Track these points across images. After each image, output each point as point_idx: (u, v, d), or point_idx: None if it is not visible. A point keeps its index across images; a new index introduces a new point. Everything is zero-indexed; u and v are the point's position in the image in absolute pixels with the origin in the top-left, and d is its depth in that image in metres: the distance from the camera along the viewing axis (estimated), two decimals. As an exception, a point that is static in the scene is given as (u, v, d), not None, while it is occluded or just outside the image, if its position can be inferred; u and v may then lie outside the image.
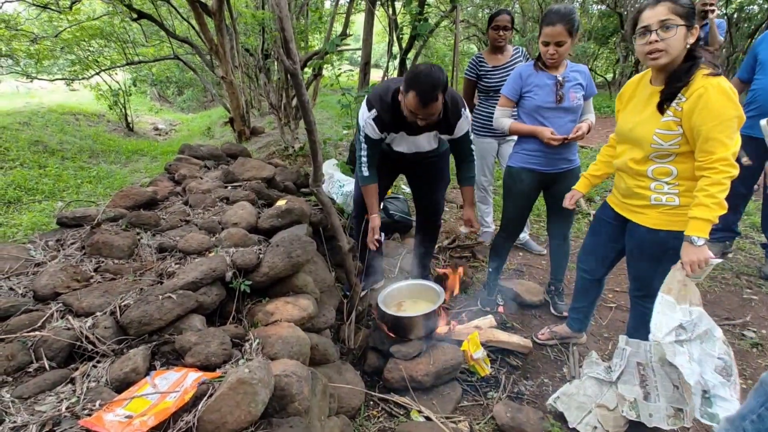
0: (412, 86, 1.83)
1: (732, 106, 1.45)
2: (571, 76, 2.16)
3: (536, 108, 2.19)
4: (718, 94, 1.45)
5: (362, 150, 2.18)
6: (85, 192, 5.82)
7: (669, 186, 1.66)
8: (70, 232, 1.95)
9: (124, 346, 1.34)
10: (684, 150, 1.58)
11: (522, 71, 2.24)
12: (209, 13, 5.12)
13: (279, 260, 1.73)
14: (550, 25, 2.03)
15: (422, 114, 1.89)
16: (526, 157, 2.29)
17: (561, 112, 2.17)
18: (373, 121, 2.06)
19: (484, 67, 2.96)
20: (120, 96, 8.95)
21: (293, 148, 4.95)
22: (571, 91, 2.15)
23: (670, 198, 1.66)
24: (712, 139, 1.47)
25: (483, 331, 2.32)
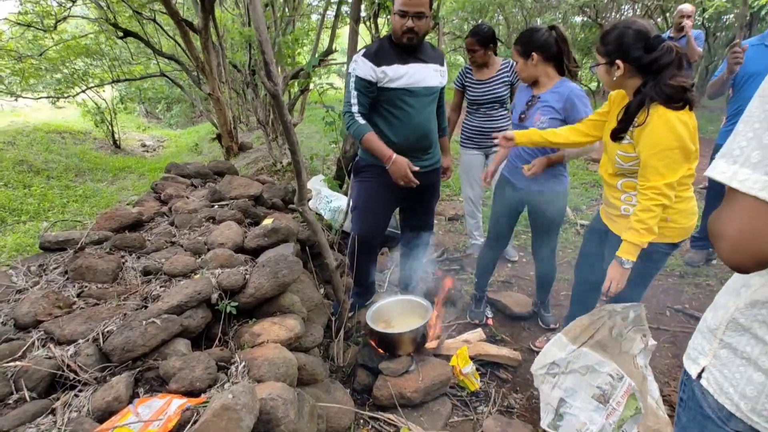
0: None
1: (673, 137, 1.48)
2: (546, 96, 2.13)
3: (513, 123, 2.32)
4: (662, 124, 1.49)
5: (352, 98, 2.10)
6: (71, 211, 5.77)
7: (636, 199, 1.71)
8: (53, 257, 1.93)
9: (107, 373, 1.33)
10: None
11: (521, 86, 2.33)
12: (195, 30, 5.16)
13: (265, 281, 1.73)
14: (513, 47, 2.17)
15: (410, 6, 1.94)
16: (506, 165, 2.39)
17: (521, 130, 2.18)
18: (363, 55, 2.08)
19: (470, 79, 3.01)
20: (106, 113, 8.91)
21: (281, 163, 4.97)
22: (538, 111, 2.12)
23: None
24: (649, 167, 1.53)
25: (472, 344, 2.32)
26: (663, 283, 3.11)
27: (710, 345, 0.84)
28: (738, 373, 0.77)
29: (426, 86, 2.17)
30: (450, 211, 4.38)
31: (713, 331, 0.83)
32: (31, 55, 7.03)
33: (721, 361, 0.81)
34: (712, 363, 0.82)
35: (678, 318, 2.75)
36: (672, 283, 3.11)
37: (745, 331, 0.77)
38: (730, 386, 0.78)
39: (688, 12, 4.19)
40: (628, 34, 1.55)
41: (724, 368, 0.80)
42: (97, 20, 6.76)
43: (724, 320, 0.81)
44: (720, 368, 0.81)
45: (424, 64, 2.16)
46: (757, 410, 0.75)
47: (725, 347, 0.80)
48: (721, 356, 0.81)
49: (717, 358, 0.82)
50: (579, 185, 5.05)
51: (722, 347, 0.81)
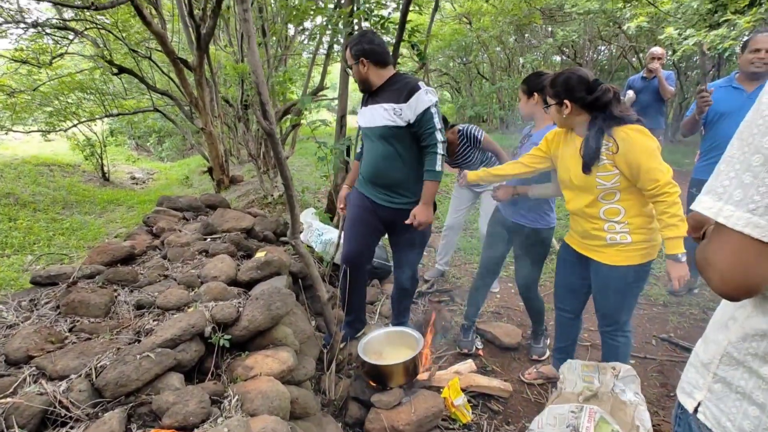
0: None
1: (650, 140, 1.71)
2: (537, 135, 2.25)
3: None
4: (638, 134, 1.71)
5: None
6: (57, 244, 5.70)
7: (620, 225, 1.83)
8: (44, 291, 1.93)
9: (99, 409, 1.32)
10: (625, 185, 1.78)
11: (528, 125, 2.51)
12: (190, 68, 5.30)
13: (259, 313, 1.75)
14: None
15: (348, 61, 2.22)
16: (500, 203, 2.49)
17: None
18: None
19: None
20: (96, 146, 8.94)
21: (272, 196, 5.02)
22: (526, 148, 2.26)
23: (623, 236, 1.83)
24: (653, 169, 1.67)
25: (463, 376, 2.34)
26: (648, 312, 3.18)
27: (704, 379, 0.85)
28: (734, 408, 0.78)
29: (373, 126, 2.22)
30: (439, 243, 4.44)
31: (707, 366, 0.84)
32: (23, 90, 7.10)
33: (716, 396, 0.82)
34: (707, 397, 0.83)
35: (664, 346, 2.80)
36: (657, 312, 3.18)
37: (739, 364, 0.78)
38: (728, 420, 0.79)
39: (659, 54, 4.47)
40: (573, 78, 1.79)
41: (720, 402, 0.81)
42: (93, 57, 6.90)
43: (717, 354, 0.82)
44: (716, 402, 0.81)
45: (374, 105, 2.22)
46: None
47: (719, 381, 0.81)
48: (716, 390, 0.82)
49: (712, 393, 0.83)
50: (564, 216, 5.18)
51: (716, 381, 0.82)
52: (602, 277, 1.95)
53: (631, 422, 1.81)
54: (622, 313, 2.00)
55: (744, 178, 0.65)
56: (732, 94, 2.79)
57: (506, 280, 3.73)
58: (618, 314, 2.00)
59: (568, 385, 2.02)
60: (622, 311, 1.99)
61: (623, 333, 2.05)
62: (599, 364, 2.02)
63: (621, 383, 1.92)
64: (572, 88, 1.78)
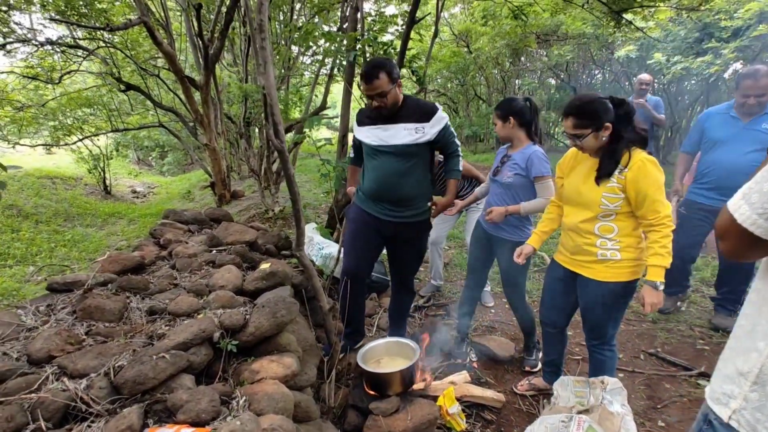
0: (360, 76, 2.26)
1: (660, 173, 1.82)
2: (515, 156, 2.44)
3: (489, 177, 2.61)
4: (652, 165, 1.82)
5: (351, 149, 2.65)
6: (59, 256, 5.77)
7: (611, 243, 1.95)
8: (60, 297, 2.03)
9: (117, 405, 1.41)
10: (624, 210, 1.91)
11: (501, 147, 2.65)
12: (197, 87, 5.48)
13: (265, 320, 1.85)
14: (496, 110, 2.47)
15: (369, 91, 2.22)
16: (482, 213, 2.66)
17: (495, 183, 2.54)
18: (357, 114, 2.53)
19: None
20: (100, 160, 9.09)
21: (273, 211, 5.14)
22: (507, 168, 2.45)
23: (613, 253, 1.94)
24: (657, 201, 1.81)
25: (458, 386, 2.42)
26: (637, 328, 3.28)
27: (740, 389, 0.90)
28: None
29: (393, 144, 2.32)
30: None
31: (745, 375, 0.89)
32: (31, 105, 7.27)
33: (752, 404, 0.87)
34: (743, 406, 0.89)
35: (652, 361, 2.90)
36: (646, 328, 3.28)
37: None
38: (764, 428, 0.85)
39: (647, 81, 4.68)
40: (601, 102, 1.86)
41: (756, 411, 0.86)
42: (101, 74, 7.09)
43: (758, 363, 0.86)
44: (752, 411, 0.87)
45: (390, 125, 2.35)
46: None
47: (757, 390, 0.86)
48: (752, 399, 0.87)
49: (748, 401, 0.88)
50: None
51: (753, 390, 0.86)
52: (590, 293, 2.06)
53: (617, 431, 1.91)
54: (608, 328, 2.09)
55: (764, 187, 0.81)
56: (729, 122, 2.90)
57: (500, 296, 3.83)
58: (604, 329, 2.10)
59: (562, 401, 2.12)
60: (607, 326, 2.09)
61: (609, 347, 2.14)
62: (589, 379, 2.11)
63: (608, 395, 2.02)
64: (607, 109, 1.85)
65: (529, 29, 9.11)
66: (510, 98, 2.47)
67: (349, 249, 2.56)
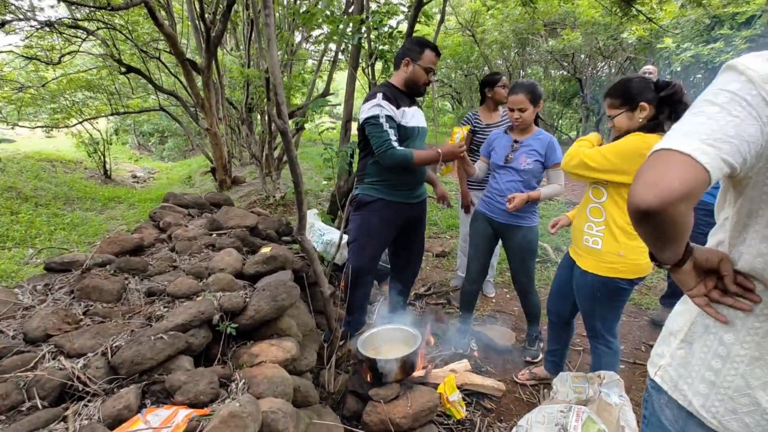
0: (427, 45, 2.28)
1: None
2: (529, 141, 2.40)
3: (492, 164, 2.52)
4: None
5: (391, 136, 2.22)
6: (58, 239, 5.75)
7: (597, 228, 1.90)
8: (57, 277, 2.00)
9: (115, 385, 1.39)
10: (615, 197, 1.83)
11: (493, 134, 2.57)
12: (198, 70, 5.41)
13: (265, 303, 1.83)
14: (514, 94, 2.35)
15: (435, 65, 2.30)
16: (482, 202, 2.58)
17: (508, 170, 2.44)
18: (383, 99, 2.23)
19: (479, 124, 3.24)
20: (100, 144, 9.02)
21: (274, 197, 5.10)
22: (522, 155, 2.39)
23: (595, 241, 1.91)
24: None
25: (458, 374, 2.41)
26: (639, 320, 3.27)
27: (669, 347, 0.93)
28: (694, 372, 0.86)
29: (422, 126, 2.43)
30: (437, 248, 4.53)
31: (674, 334, 0.92)
32: (31, 86, 7.19)
33: (677, 361, 0.90)
34: (668, 362, 0.91)
35: (653, 354, 2.88)
36: (648, 321, 3.26)
37: (705, 330, 0.85)
38: (685, 383, 0.87)
39: (651, 71, 4.63)
40: (640, 81, 1.76)
41: (680, 367, 0.89)
42: (101, 56, 7.00)
43: (687, 323, 0.90)
44: (676, 367, 0.90)
45: (418, 108, 2.45)
46: (706, 406, 0.83)
47: (683, 348, 0.89)
48: (678, 356, 0.90)
49: (674, 358, 0.91)
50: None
51: (680, 348, 0.90)
52: (576, 281, 2.05)
53: (616, 423, 1.89)
54: (595, 321, 2.05)
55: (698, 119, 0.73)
56: None
57: (502, 286, 3.82)
58: (591, 321, 2.07)
59: (560, 396, 2.10)
60: (594, 317, 2.04)
61: (605, 343, 2.09)
62: (588, 374, 2.10)
63: (605, 388, 2.00)
64: (645, 90, 1.75)
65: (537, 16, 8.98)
66: (529, 80, 2.44)
67: (366, 243, 2.46)
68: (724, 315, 0.82)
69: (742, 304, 0.80)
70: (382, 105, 2.23)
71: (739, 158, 0.70)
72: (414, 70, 2.29)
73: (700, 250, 0.84)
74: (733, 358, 0.82)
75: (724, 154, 0.69)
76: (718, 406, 0.83)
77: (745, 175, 0.76)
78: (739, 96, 0.71)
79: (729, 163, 0.69)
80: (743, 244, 0.81)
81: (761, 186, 0.75)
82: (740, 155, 0.70)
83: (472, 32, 11.40)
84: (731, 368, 0.82)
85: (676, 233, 0.74)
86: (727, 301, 0.81)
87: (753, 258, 0.79)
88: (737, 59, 0.74)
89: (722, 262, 0.82)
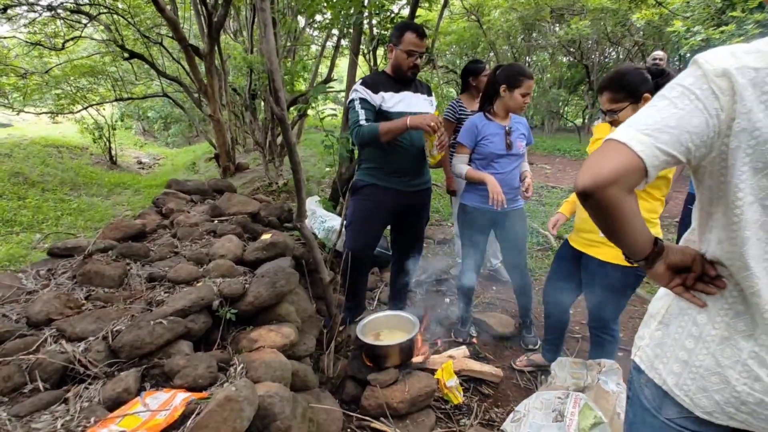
0: (407, 27, 2.22)
1: None
2: (515, 126, 2.42)
3: (490, 154, 2.39)
4: None
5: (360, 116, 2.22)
6: (64, 224, 5.81)
7: None
8: (60, 262, 2.03)
9: (115, 369, 1.42)
10: None
11: (477, 122, 2.42)
12: (201, 56, 5.38)
13: (264, 290, 1.85)
14: (532, 78, 2.33)
15: (419, 48, 2.22)
16: (479, 198, 2.46)
17: (510, 158, 2.42)
18: (361, 84, 2.29)
19: (464, 111, 3.23)
20: (105, 130, 9.05)
21: (277, 184, 5.11)
22: (517, 140, 2.41)
23: None
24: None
25: (456, 360, 2.43)
26: (639, 308, 3.27)
27: (648, 329, 0.96)
28: (669, 352, 0.90)
29: (418, 111, 2.33)
30: (438, 235, 4.54)
31: (653, 316, 0.96)
32: (35, 72, 7.20)
33: (654, 341, 0.94)
34: (647, 343, 0.95)
35: (652, 342, 2.89)
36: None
37: (681, 312, 0.89)
38: (660, 363, 0.90)
39: (661, 56, 4.55)
40: (638, 72, 1.74)
41: (657, 348, 0.92)
42: (104, 42, 6.98)
43: (665, 305, 0.94)
44: (653, 348, 0.93)
45: (414, 93, 2.41)
46: (679, 385, 0.87)
47: (660, 329, 0.93)
48: (656, 337, 0.93)
49: (652, 339, 0.94)
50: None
51: (658, 329, 0.94)
52: (590, 273, 2.02)
53: (612, 410, 1.91)
54: (607, 311, 2.04)
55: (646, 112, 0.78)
56: None
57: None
58: (603, 312, 2.05)
59: (559, 381, 2.12)
60: (606, 310, 2.03)
61: (609, 332, 2.09)
62: (587, 361, 2.10)
63: (604, 376, 2.01)
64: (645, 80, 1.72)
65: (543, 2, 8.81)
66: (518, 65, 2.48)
67: (360, 228, 2.48)
68: (701, 300, 0.86)
69: (710, 288, 0.85)
70: (357, 89, 2.29)
71: (680, 147, 0.74)
72: (396, 55, 2.27)
73: (675, 253, 0.88)
74: (704, 338, 0.85)
75: (661, 143, 0.73)
76: (690, 385, 0.86)
77: (698, 164, 0.79)
78: (689, 90, 0.75)
79: (666, 151, 0.74)
80: (709, 232, 0.85)
81: (717, 176, 0.78)
82: (681, 144, 0.74)
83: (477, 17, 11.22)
84: (703, 348, 0.85)
85: (616, 218, 0.78)
86: (698, 287, 0.86)
87: (715, 245, 0.83)
88: (703, 53, 0.77)
89: (694, 262, 0.87)
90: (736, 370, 0.81)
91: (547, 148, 9.57)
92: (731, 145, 0.74)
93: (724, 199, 0.78)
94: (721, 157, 0.76)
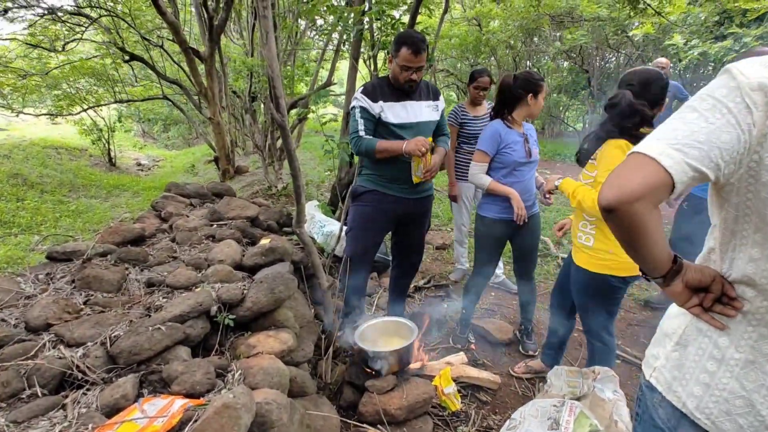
0: (404, 42, 2.14)
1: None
2: (529, 132, 2.42)
3: (513, 163, 2.35)
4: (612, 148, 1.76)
5: (359, 125, 2.24)
6: (63, 226, 5.80)
7: (590, 226, 1.93)
8: (59, 266, 2.03)
9: (113, 375, 1.42)
10: None
11: (500, 129, 2.37)
12: (201, 58, 5.39)
13: (262, 296, 1.85)
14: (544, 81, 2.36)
15: (414, 63, 2.16)
16: (500, 209, 2.43)
17: (529, 165, 2.42)
18: (361, 92, 2.27)
19: (466, 116, 3.25)
20: (104, 131, 9.05)
21: (276, 187, 5.12)
22: (533, 146, 2.41)
23: (587, 238, 1.93)
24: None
25: (454, 367, 2.43)
26: (636, 315, 3.27)
27: (664, 349, 0.93)
28: (688, 374, 0.87)
29: (419, 121, 2.33)
30: (438, 240, 4.54)
31: (669, 336, 0.93)
32: (35, 74, 7.20)
33: (671, 363, 0.90)
34: (663, 364, 0.92)
35: (650, 349, 2.89)
36: (646, 316, 3.27)
37: (699, 333, 0.86)
38: (679, 386, 0.87)
39: (663, 64, 4.56)
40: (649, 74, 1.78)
41: (674, 370, 0.89)
42: (105, 44, 6.99)
43: (682, 325, 0.90)
44: (670, 369, 0.90)
45: (417, 102, 2.38)
46: (700, 408, 0.84)
47: (677, 350, 0.90)
48: (673, 358, 0.90)
49: (668, 360, 0.91)
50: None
51: (675, 350, 0.90)
52: (571, 276, 2.08)
53: (609, 417, 1.91)
54: (587, 315, 2.07)
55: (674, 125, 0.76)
56: None
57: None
58: (585, 317, 2.09)
59: (554, 390, 2.12)
60: (587, 313, 2.07)
61: (598, 339, 2.09)
62: (582, 369, 2.11)
63: (599, 384, 2.02)
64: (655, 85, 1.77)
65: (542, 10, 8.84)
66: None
67: (360, 234, 2.47)
68: (721, 322, 0.83)
69: (729, 311, 0.82)
70: (357, 97, 2.30)
71: (709, 163, 0.71)
72: (393, 67, 2.26)
73: (693, 272, 0.84)
74: (727, 361, 0.82)
75: (690, 159, 0.70)
76: (712, 408, 0.83)
77: (726, 182, 0.76)
78: (721, 103, 0.72)
79: (695, 167, 0.71)
80: (733, 251, 0.81)
81: (745, 192, 0.75)
82: (710, 160, 0.71)
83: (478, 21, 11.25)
84: (726, 371, 0.82)
85: (639, 234, 0.76)
86: (716, 309, 0.83)
87: (745, 264, 0.79)
88: (736, 63, 0.74)
89: (714, 282, 0.83)
90: (761, 394, 0.79)
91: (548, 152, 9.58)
92: (765, 160, 0.70)
93: (755, 216, 0.75)
94: (749, 173, 0.73)
